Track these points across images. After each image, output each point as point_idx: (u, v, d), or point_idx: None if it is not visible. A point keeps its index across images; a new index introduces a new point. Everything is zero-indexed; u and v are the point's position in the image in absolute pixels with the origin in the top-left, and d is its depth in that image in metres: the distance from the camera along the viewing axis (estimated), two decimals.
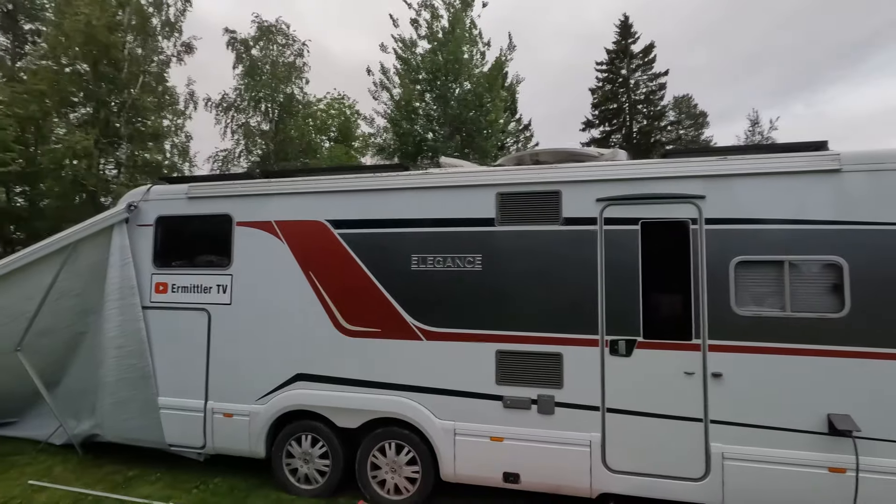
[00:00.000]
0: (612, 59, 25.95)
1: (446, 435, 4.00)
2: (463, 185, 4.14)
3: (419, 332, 4.12)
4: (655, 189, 3.74)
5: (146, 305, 4.81)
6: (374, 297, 4.23)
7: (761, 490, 3.43)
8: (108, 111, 14.29)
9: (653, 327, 3.69)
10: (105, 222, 4.89)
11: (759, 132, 27.54)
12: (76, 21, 13.13)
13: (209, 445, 4.59)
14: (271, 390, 4.42)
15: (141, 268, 4.85)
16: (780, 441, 3.41)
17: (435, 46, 19.18)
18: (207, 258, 4.75)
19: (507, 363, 3.93)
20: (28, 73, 15.82)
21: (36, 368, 5.05)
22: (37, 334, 5.07)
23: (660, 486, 3.60)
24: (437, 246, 4.13)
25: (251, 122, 20.02)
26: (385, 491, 4.20)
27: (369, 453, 4.23)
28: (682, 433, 3.58)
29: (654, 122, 25.12)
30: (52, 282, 4.90)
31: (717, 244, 3.60)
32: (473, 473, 3.99)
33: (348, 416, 4.24)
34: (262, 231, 4.55)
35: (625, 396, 3.71)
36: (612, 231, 3.80)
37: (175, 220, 4.85)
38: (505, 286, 3.98)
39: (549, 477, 3.83)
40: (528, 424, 3.85)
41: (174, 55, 16.46)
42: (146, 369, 4.73)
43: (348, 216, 4.35)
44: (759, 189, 3.57)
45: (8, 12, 19.52)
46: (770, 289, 3.51)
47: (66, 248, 4.90)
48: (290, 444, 4.42)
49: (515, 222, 3.99)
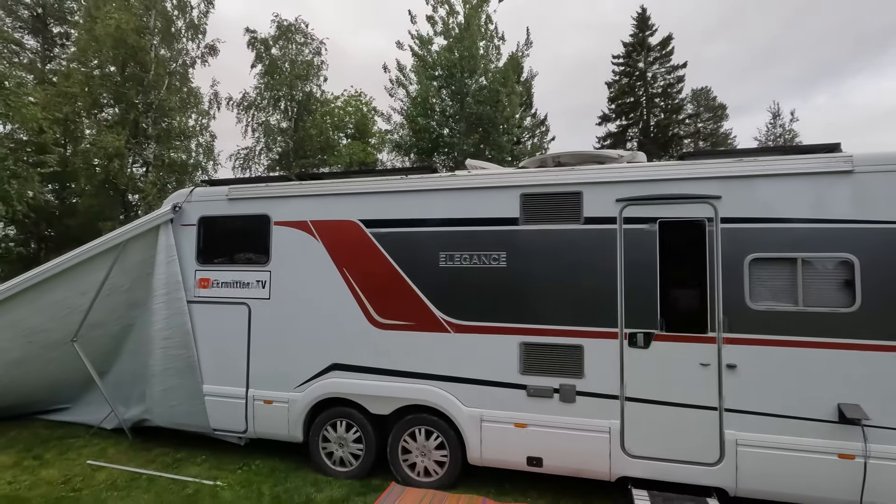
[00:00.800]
0: (628, 52, 25.76)
1: (473, 421, 4.27)
2: (488, 186, 4.37)
3: (447, 325, 4.38)
4: (673, 190, 3.92)
5: (190, 300, 5.15)
6: (405, 293, 4.50)
7: (773, 475, 3.63)
8: (136, 112, 14.79)
9: (670, 321, 3.90)
10: (152, 222, 5.24)
11: (781, 125, 27.18)
12: (107, 26, 13.61)
13: (251, 430, 4.92)
14: (308, 379, 4.73)
15: (185, 264, 5.20)
16: (792, 429, 3.60)
17: (451, 42, 19.34)
18: (247, 255, 5.07)
19: (530, 354, 4.17)
20: (60, 76, 16.43)
21: (89, 358, 5.46)
22: (89, 326, 5.46)
23: (676, 470, 3.82)
24: (463, 244, 4.38)
25: (271, 121, 20.45)
26: (415, 473, 4.48)
27: (400, 438, 4.52)
28: (698, 421, 3.78)
29: (671, 115, 24.90)
30: (105, 278, 5.28)
31: (732, 242, 3.78)
32: (499, 457, 4.25)
33: (381, 403, 4.53)
34: (299, 230, 4.85)
35: (643, 386, 3.92)
36: (631, 230, 4.00)
37: (216, 219, 5.17)
38: (528, 282, 4.21)
39: (571, 461, 4.07)
40: (551, 412, 4.10)
41: (198, 57, 16.90)
42: (191, 359, 5.08)
43: (380, 216, 4.62)
44: (773, 189, 3.73)
45: (37, 16, 20.21)
46: (783, 284, 3.68)
47: (117, 246, 5.26)
48: (326, 429, 4.73)
49: (538, 221, 4.21)
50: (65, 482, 4.55)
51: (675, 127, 25.12)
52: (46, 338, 5.50)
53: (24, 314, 5.29)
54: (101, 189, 14.54)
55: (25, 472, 4.76)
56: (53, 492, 4.35)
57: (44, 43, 20.60)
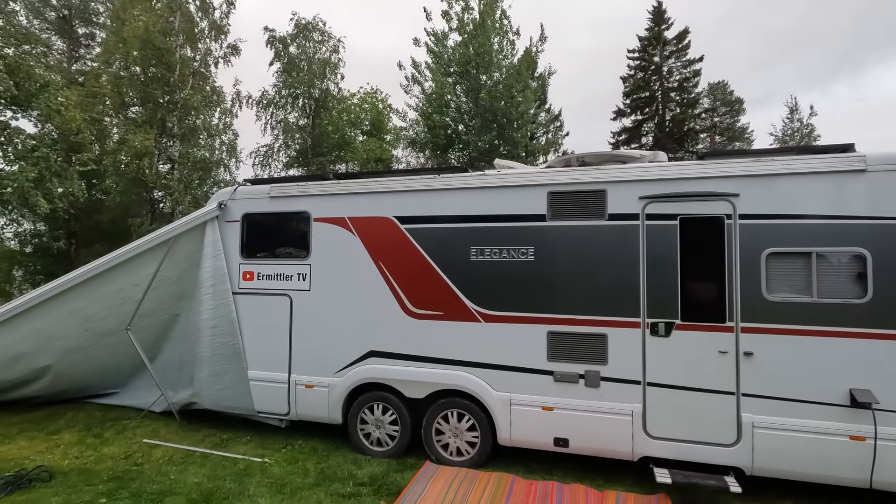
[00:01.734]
0: (644, 47, 25.66)
1: (503, 405, 4.57)
2: (517, 185, 4.65)
3: (478, 315, 4.68)
4: (694, 188, 4.16)
5: (235, 291, 5.52)
6: (438, 284, 4.81)
7: (787, 455, 3.87)
8: (163, 111, 15.27)
9: (690, 311, 4.15)
10: (199, 219, 5.61)
11: (798, 119, 26.92)
12: (135, 28, 14.08)
13: (293, 412, 5.29)
14: (347, 365, 5.07)
15: (230, 258, 5.56)
16: (806, 412, 3.84)
17: (465, 38, 19.54)
18: (288, 250, 5.42)
19: (557, 342, 4.46)
20: (89, 76, 16.97)
21: (140, 345, 5.87)
22: (140, 316, 5.88)
23: (695, 450, 4.08)
24: (493, 239, 4.67)
25: (289, 118, 20.85)
26: (448, 453, 4.81)
27: (434, 420, 4.84)
28: (716, 404, 4.04)
29: (687, 110, 24.77)
30: (156, 271, 5.67)
31: (750, 237, 4.01)
32: (527, 438, 4.56)
33: (416, 387, 4.85)
34: (337, 226, 5.18)
35: (664, 372, 4.19)
36: (653, 226, 4.25)
37: (259, 216, 5.52)
38: (555, 275, 4.49)
39: (595, 442, 4.36)
40: (577, 396, 4.38)
41: (221, 57, 17.32)
42: (237, 346, 5.45)
43: (414, 212, 4.93)
44: (789, 187, 3.96)
45: (64, 17, 20.81)
46: (799, 277, 3.91)
47: (167, 241, 5.65)
48: (364, 411, 5.08)
49: (565, 218, 4.49)
50: (126, 457, 4.96)
51: (690, 122, 25.01)
52: (101, 326, 5.92)
53: (84, 303, 5.71)
54: (130, 186, 15.07)
55: (89, 448, 5.19)
56: (118, 465, 4.76)
57: (70, 44, 21.25)
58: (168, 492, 4.19)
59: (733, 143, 25.97)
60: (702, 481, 3.93)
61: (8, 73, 9.79)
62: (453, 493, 4.15)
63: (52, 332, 5.82)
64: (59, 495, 4.12)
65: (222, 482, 4.38)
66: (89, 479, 4.45)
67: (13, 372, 6.04)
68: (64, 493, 4.17)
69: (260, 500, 4.04)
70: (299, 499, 4.08)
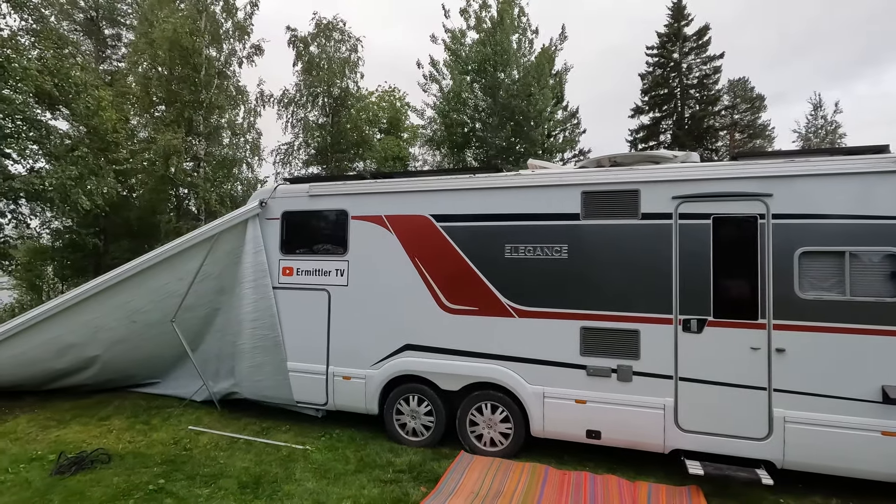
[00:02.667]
0: (663, 43, 25.44)
1: (536, 398, 4.73)
2: (551, 184, 4.79)
3: (512, 311, 4.84)
4: (727, 188, 4.26)
5: (275, 286, 5.75)
6: (472, 281, 4.97)
7: (819, 450, 3.97)
8: (189, 110, 15.64)
9: (722, 308, 4.26)
10: (241, 217, 5.85)
11: (822, 116, 26.50)
12: (164, 30, 14.45)
13: (330, 403, 5.51)
14: (383, 357, 5.27)
15: (270, 254, 5.79)
16: (838, 408, 3.93)
17: (483, 37, 19.63)
18: (326, 246, 5.63)
19: (590, 338, 4.59)
20: (119, 76, 17.43)
21: (184, 337, 6.14)
22: (183, 309, 6.14)
23: (726, 443, 4.20)
24: (527, 237, 4.82)
25: (309, 117, 21.17)
26: (482, 444, 4.98)
27: (468, 412, 5.01)
28: (748, 399, 4.15)
29: (707, 107, 24.55)
30: (200, 266, 5.93)
31: (783, 236, 4.10)
32: (560, 430, 4.71)
33: (451, 380, 5.03)
34: (374, 224, 5.37)
35: (696, 367, 4.30)
36: (686, 225, 4.36)
37: (298, 214, 5.74)
38: (588, 272, 4.63)
39: (627, 434, 4.49)
40: (609, 390, 4.52)
41: (245, 57, 17.67)
42: (277, 339, 5.68)
43: (449, 211, 5.10)
44: (823, 188, 4.04)
45: (92, 19, 21.35)
46: (832, 275, 4.00)
47: (210, 238, 5.89)
48: (400, 402, 5.27)
49: (598, 217, 4.62)
50: (175, 443, 5.22)
51: (710, 119, 24.77)
52: (146, 318, 6.21)
53: (131, 297, 5.99)
54: (158, 184, 15.48)
55: (139, 433, 5.47)
56: (168, 450, 5.02)
57: (97, 45, 21.80)
58: (220, 475, 4.43)
59: (754, 141, 25.68)
60: (733, 473, 4.05)
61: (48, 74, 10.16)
62: (490, 482, 4.32)
63: (100, 323, 6.12)
64: (119, 476, 4.39)
65: (269, 467, 4.61)
66: (144, 462, 4.71)
67: (63, 361, 6.35)
68: (123, 473, 4.43)
69: (307, 484, 4.26)
70: (343, 484, 4.29)
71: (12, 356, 6.04)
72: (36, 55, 10.74)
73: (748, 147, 25.22)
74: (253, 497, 4.04)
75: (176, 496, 4.04)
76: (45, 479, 4.35)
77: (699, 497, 4.05)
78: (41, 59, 10.83)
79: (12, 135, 10.29)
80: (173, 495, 4.05)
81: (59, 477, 4.36)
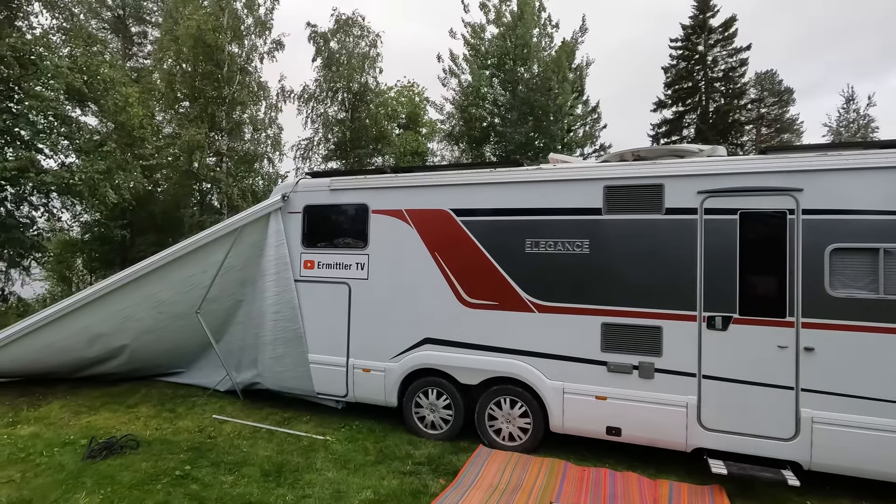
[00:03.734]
0: (687, 35, 24.84)
1: (556, 393, 4.70)
2: (573, 178, 4.74)
3: (532, 306, 4.82)
4: (755, 183, 4.16)
5: (297, 279, 5.83)
6: (492, 275, 4.96)
7: (848, 451, 3.86)
8: (213, 106, 15.93)
9: (748, 305, 4.16)
10: (263, 210, 5.94)
11: (855, 109, 25.62)
12: (188, 27, 14.72)
13: (350, 395, 5.57)
14: (403, 351, 5.31)
15: (292, 248, 5.87)
16: (868, 409, 3.82)
17: (503, 31, 19.48)
18: (347, 240, 5.68)
19: (611, 334, 4.55)
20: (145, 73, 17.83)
21: (208, 329, 6.27)
22: (207, 301, 6.27)
23: (751, 443, 4.12)
24: (548, 231, 4.78)
25: (329, 112, 21.32)
26: (501, 438, 4.98)
27: (487, 406, 5.02)
28: (774, 399, 4.06)
29: (732, 100, 23.92)
30: (224, 258, 6.04)
31: (813, 232, 3.99)
32: (579, 426, 4.68)
33: (470, 374, 5.04)
34: (394, 218, 5.39)
35: (720, 365, 4.22)
36: (712, 220, 4.27)
37: (320, 208, 5.81)
38: (610, 267, 4.57)
39: (649, 432, 4.44)
40: (630, 387, 4.47)
41: (265, 53, 17.88)
42: (298, 331, 5.77)
43: (470, 205, 5.09)
44: (856, 182, 3.91)
45: (119, 17, 21.85)
46: (864, 273, 3.87)
47: (234, 231, 6.00)
48: (419, 395, 5.30)
49: (621, 212, 4.55)
50: (200, 431, 5.35)
51: (735, 113, 24.14)
52: (172, 309, 6.36)
53: (158, 288, 6.15)
54: (183, 179, 15.82)
55: (165, 421, 5.62)
56: (194, 438, 5.15)
57: (124, 42, 22.31)
58: (243, 462, 4.53)
59: (781, 136, 24.98)
60: (758, 474, 3.97)
61: (79, 71, 10.45)
62: (508, 476, 4.33)
63: (128, 314, 6.29)
64: (147, 461, 4.52)
65: (290, 456, 4.69)
66: (171, 449, 4.84)
67: (93, 350, 6.55)
68: (151, 459, 4.57)
69: (327, 474, 4.32)
70: (363, 474, 4.34)
71: (47, 344, 6.25)
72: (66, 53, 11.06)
73: (775, 142, 24.55)
74: (275, 485, 4.12)
75: (201, 482, 4.14)
76: (78, 462, 4.51)
77: (722, 497, 3.98)
78: (71, 57, 11.16)
79: (44, 130, 10.63)
80: (199, 481, 4.16)
81: (90, 461, 4.51)
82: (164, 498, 3.85)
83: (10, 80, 10.32)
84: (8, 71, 10.02)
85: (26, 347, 6.22)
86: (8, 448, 4.81)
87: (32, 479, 4.20)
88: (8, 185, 10.84)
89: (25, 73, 10.20)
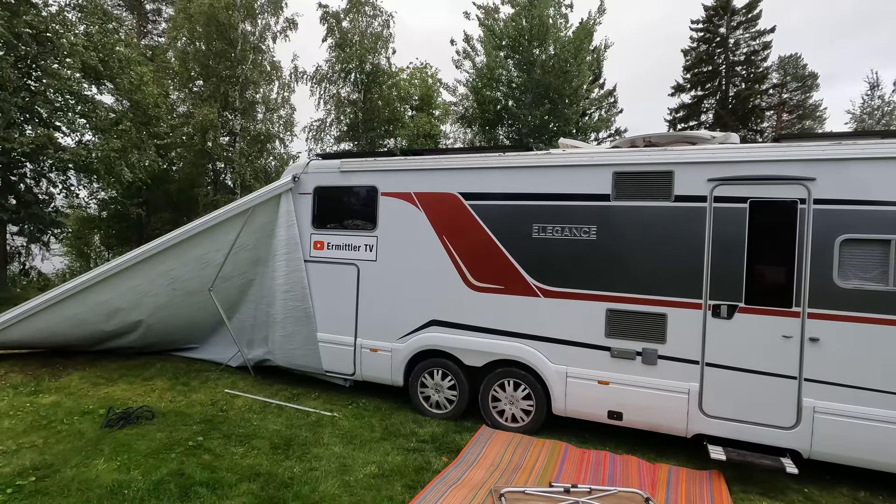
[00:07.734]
0: (709, 17, 24.12)
1: (559, 377, 4.77)
2: (582, 164, 4.72)
3: (537, 290, 4.85)
4: (767, 171, 4.11)
5: (307, 259, 5.93)
6: (499, 259, 5.00)
7: (849, 441, 3.88)
8: (226, 86, 15.97)
9: (754, 295, 4.15)
10: (274, 191, 6.01)
11: (880, 96, 24.82)
12: (201, 4, 14.69)
13: (358, 373, 5.70)
14: (409, 332, 5.40)
15: (302, 228, 5.95)
16: (872, 400, 3.82)
17: (518, 10, 19.08)
18: (356, 222, 5.74)
19: (615, 320, 4.58)
20: (159, 51, 17.89)
21: (221, 306, 6.43)
22: (220, 279, 6.41)
23: (751, 430, 4.15)
24: (556, 217, 4.79)
25: (341, 93, 21.23)
26: (504, 419, 5.08)
27: (491, 388, 5.11)
28: (777, 388, 4.07)
29: (753, 85, 23.29)
30: (236, 238, 6.15)
31: (824, 222, 3.94)
32: (581, 410, 4.75)
33: (475, 356, 5.12)
34: (403, 200, 5.43)
35: (723, 353, 4.24)
36: (721, 208, 4.24)
37: (330, 189, 5.86)
38: (617, 254, 4.58)
39: (650, 418, 4.49)
40: (633, 372, 4.51)
41: (278, 32, 17.79)
42: (307, 310, 5.88)
43: (478, 189, 5.10)
44: (869, 172, 3.84)
45: None
46: (875, 265, 3.83)
47: (246, 211, 6.09)
48: (424, 376, 5.41)
49: (630, 198, 4.54)
50: (212, 404, 5.54)
51: (756, 98, 23.52)
52: (186, 286, 6.52)
53: (173, 265, 6.29)
54: (197, 158, 15.98)
55: (180, 394, 5.82)
56: (206, 411, 5.33)
57: (139, 20, 22.35)
58: (253, 435, 4.69)
59: (803, 122, 24.34)
60: (757, 460, 4.02)
61: (94, 49, 10.54)
62: (510, 455, 4.43)
63: (145, 290, 6.46)
64: (162, 431, 4.70)
65: (298, 431, 4.84)
66: (184, 420, 5.02)
67: (112, 324, 6.76)
68: (166, 430, 4.75)
69: (334, 448, 4.46)
70: (369, 450, 4.47)
71: (68, 317, 6.46)
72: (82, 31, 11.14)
73: (796, 129, 23.94)
74: (284, 457, 4.27)
75: (213, 453, 4.31)
76: (96, 431, 4.71)
77: (720, 482, 4.04)
78: (87, 35, 11.24)
79: (62, 108, 10.78)
80: (211, 452, 4.32)
81: (108, 430, 4.71)
82: (177, 466, 4.02)
83: (28, 57, 10.46)
84: (26, 48, 10.14)
85: (47, 320, 6.43)
86: (31, 415, 5.04)
87: (54, 444, 4.41)
88: (27, 161, 11.07)
89: (43, 49, 10.32)
